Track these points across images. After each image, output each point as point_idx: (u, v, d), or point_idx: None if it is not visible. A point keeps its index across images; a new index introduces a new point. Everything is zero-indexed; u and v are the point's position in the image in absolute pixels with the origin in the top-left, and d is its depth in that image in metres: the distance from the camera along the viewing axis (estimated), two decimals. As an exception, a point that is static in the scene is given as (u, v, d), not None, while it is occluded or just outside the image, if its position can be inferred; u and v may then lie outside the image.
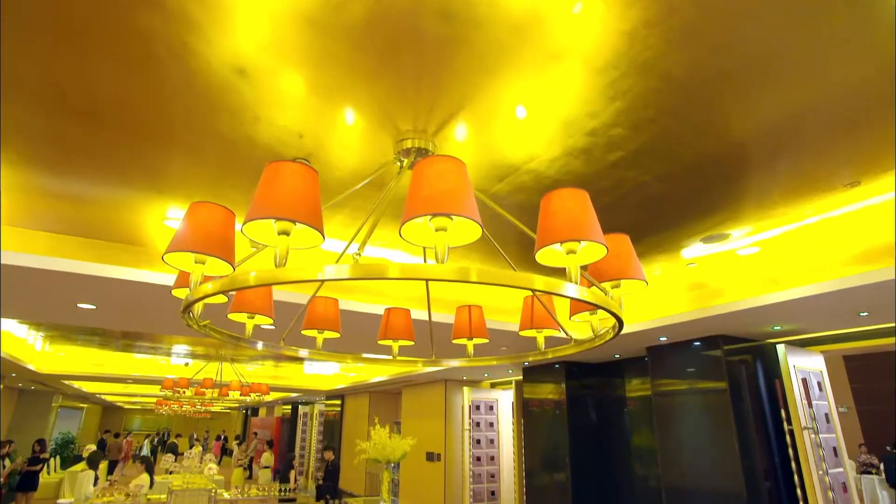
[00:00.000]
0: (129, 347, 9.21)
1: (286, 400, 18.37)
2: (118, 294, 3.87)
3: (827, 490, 4.28)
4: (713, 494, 4.82)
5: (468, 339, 2.55)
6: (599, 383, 7.06)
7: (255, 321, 2.26)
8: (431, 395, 9.62)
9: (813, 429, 4.43)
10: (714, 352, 5.08)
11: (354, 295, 4.06)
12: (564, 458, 6.61)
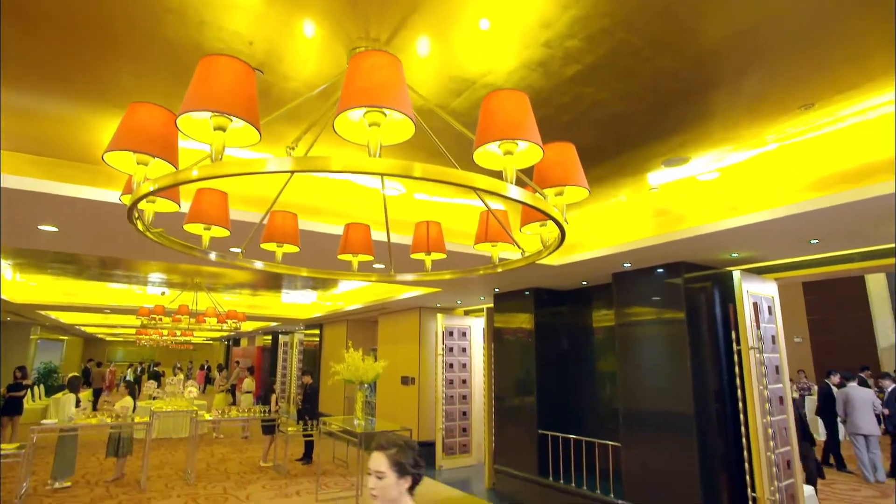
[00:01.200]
0: (103, 276, 9.17)
1: (266, 330, 18.70)
2: (80, 215, 3.81)
3: (765, 402, 4.64)
4: (665, 414, 5.18)
5: (426, 253, 2.60)
6: (568, 311, 7.33)
7: (211, 232, 2.28)
8: (406, 323, 9.90)
9: (758, 349, 4.72)
10: (675, 279, 5.28)
11: (314, 216, 4.06)
12: (532, 382, 6.97)
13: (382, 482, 1.76)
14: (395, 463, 1.78)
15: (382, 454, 1.79)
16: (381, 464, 1.77)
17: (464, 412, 8.88)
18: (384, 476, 1.76)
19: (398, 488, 1.77)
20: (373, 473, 1.78)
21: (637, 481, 5.37)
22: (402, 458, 1.80)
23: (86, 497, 6.84)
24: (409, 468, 1.80)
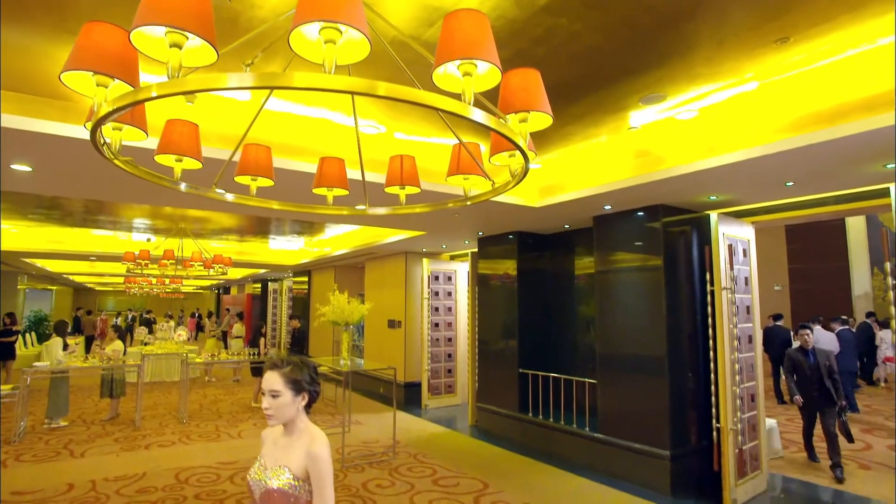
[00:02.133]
0: (87, 223, 9.09)
1: (255, 277, 18.80)
2: (53, 153, 3.76)
3: (734, 340, 4.83)
4: (640, 357, 5.39)
5: (400, 187, 2.62)
6: (550, 256, 7.44)
7: (183, 164, 2.28)
8: (393, 268, 10.01)
9: (731, 289, 4.87)
10: (654, 223, 5.36)
11: (290, 154, 4.04)
12: (514, 324, 7.16)
13: (278, 401, 1.72)
14: (291, 381, 1.74)
15: (276, 373, 1.75)
16: (275, 382, 1.73)
17: (449, 354, 9.15)
18: (279, 394, 1.72)
19: (294, 406, 1.75)
20: (267, 393, 1.73)
21: (611, 417, 5.65)
22: (298, 375, 1.77)
23: (83, 434, 7.07)
24: (305, 385, 1.77)
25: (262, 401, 1.76)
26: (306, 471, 1.69)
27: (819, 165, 3.84)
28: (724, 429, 4.74)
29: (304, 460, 1.70)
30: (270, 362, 1.80)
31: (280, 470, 1.71)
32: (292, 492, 1.68)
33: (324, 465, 1.68)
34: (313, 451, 1.70)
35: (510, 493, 4.96)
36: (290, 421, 1.76)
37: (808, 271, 17.51)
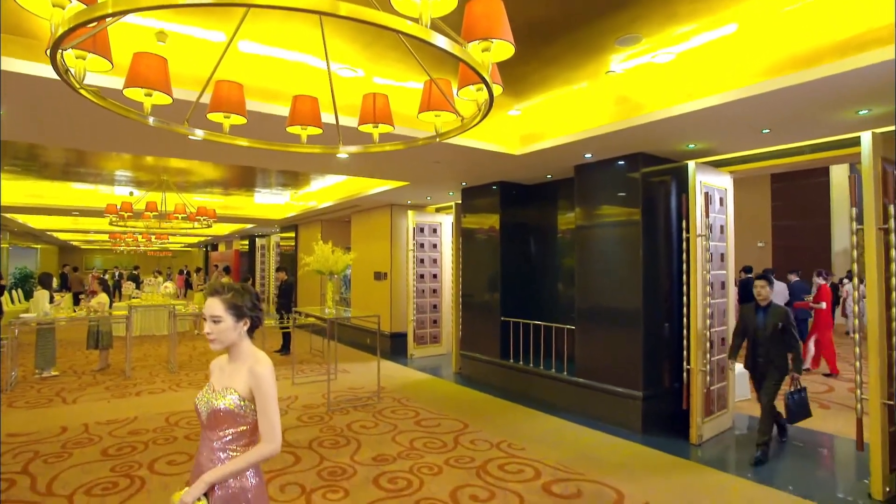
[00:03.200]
0: (67, 176, 8.95)
1: (242, 234, 18.73)
2: (23, 95, 3.68)
3: (706, 285, 4.98)
4: (616, 307, 5.55)
5: (373, 125, 2.64)
6: (533, 206, 7.50)
7: (152, 99, 2.27)
8: (378, 220, 10.05)
9: (706, 236, 4.98)
10: (633, 174, 5.42)
11: (264, 98, 3.99)
12: (497, 276, 7.29)
13: (219, 326, 1.75)
14: (232, 306, 1.77)
15: (217, 298, 1.77)
16: (216, 308, 1.76)
17: (434, 305, 9.31)
18: (220, 320, 1.75)
19: (237, 331, 1.78)
20: (208, 319, 1.76)
21: (589, 363, 5.86)
22: (239, 301, 1.79)
23: (74, 384, 7.20)
24: (246, 311, 1.80)
25: (205, 326, 1.79)
26: (251, 391, 1.75)
27: (793, 111, 3.88)
28: (693, 370, 4.95)
29: (248, 381, 1.76)
30: (211, 288, 1.82)
31: (226, 391, 1.78)
32: (238, 411, 1.75)
33: (266, 383, 1.73)
34: (256, 371, 1.75)
35: (488, 432, 5.19)
36: (234, 346, 1.81)
37: (791, 228, 17.83)
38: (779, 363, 4.52)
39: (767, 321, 4.56)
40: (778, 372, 4.51)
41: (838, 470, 4.45)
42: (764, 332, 4.57)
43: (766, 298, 4.64)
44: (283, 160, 5.86)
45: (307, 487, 3.88)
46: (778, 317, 4.53)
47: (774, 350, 4.53)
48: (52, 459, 4.40)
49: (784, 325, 4.49)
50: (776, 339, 4.51)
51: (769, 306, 4.62)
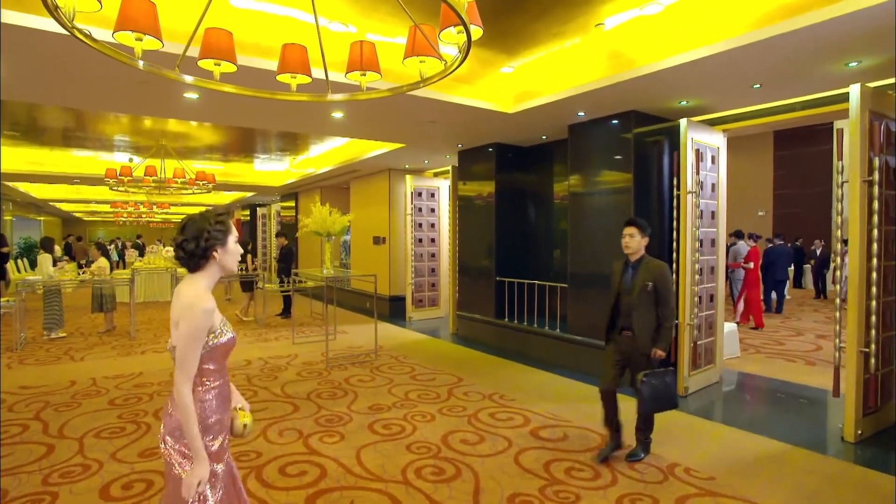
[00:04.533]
0: (67, 141, 8.99)
1: (244, 203, 18.81)
2: (21, 49, 3.72)
3: (695, 242, 5.07)
4: (607, 263, 5.62)
5: (361, 73, 2.69)
6: (529, 168, 7.54)
7: (143, 44, 2.33)
8: (377, 185, 10.11)
9: (696, 193, 5.04)
10: (626, 134, 5.45)
11: (254, 53, 4.02)
12: (492, 236, 7.38)
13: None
14: (190, 253, 1.74)
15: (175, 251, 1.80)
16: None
17: (432, 269, 9.45)
18: None
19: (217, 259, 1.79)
20: None
21: (580, 320, 6.01)
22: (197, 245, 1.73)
23: (81, 344, 7.40)
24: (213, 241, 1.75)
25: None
26: None
27: (783, 62, 3.89)
28: (681, 324, 5.08)
29: None
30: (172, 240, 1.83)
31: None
32: None
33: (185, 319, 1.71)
34: None
35: (482, 385, 5.37)
36: None
37: (792, 196, 17.84)
38: (646, 335, 3.46)
39: (635, 280, 3.51)
40: (649, 344, 3.47)
41: (815, 417, 4.62)
42: (629, 294, 3.52)
43: (634, 251, 3.55)
44: (278, 119, 5.89)
45: (304, 432, 4.07)
46: (649, 274, 3.46)
47: (641, 319, 3.46)
48: (63, 408, 4.59)
49: (656, 285, 3.44)
50: (644, 304, 3.45)
51: (641, 261, 3.57)
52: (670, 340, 3.50)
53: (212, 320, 1.71)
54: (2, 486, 3.15)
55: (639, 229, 3.57)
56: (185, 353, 1.66)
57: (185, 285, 1.77)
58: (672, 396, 3.44)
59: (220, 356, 1.79)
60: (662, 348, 3.44)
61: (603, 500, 3.04)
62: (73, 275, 8.13)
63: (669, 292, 3.48)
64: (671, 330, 3.49)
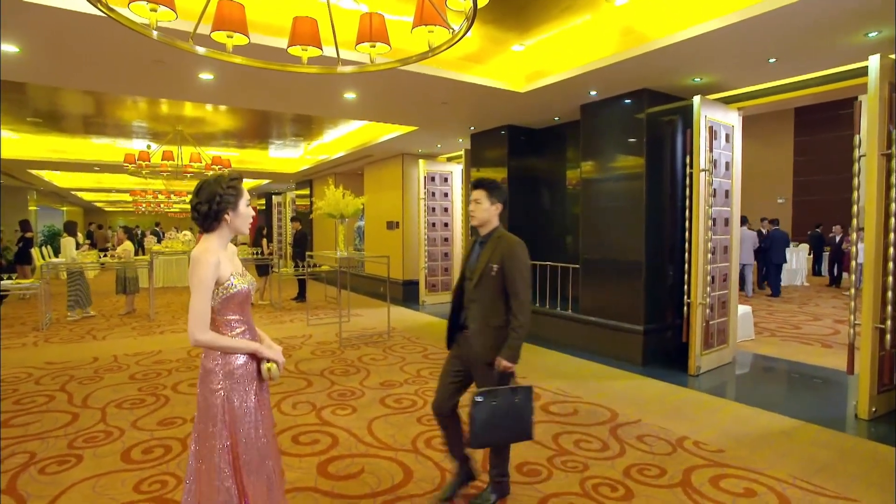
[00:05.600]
0: (87, 128, 9.18)
1: (259, 192, 19.03)
2: (42, 29, 3.80)
3: (708, 220, 5.02)
4: (620, 246, 5.64)
5: (371, 46, 2.72)
6: (542, 150, 7.51)
7: (157, 15, 2.38)
8: (390, 170, 10.16)
9: (709, 171, 4.99)
10: (639, 114, 5.40)
11: (266, 32, 4.06)
12: (505, 219, 7.37)
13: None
14: (203, 215, 1.86)
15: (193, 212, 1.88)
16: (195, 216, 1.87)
17: (445, 253, 9.49)
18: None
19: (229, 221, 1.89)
20: None
21: (592, 302, 6.01)
22: (210, 207, 1.84)
23: (103, 325, 7.61)
24: (225, 204, 1.86)
25: None
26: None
27: (799, 34, 3.82)
28: (693, 303, 5.06)
29: None
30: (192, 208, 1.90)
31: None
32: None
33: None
34: None
35: (494, 363, 5.41)
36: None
37: (812, 183, 17.54)
38: (489, 338, 2.51)
39: (479, 262, 2.60)
40: (491, 352, 2.49)
41: (829, 395, 4.57)
42: (471, 280, 2.60)
43: (481, 222, 2.66)
44: (292, 100, 5.93)
45: (317, 405, 4.15)
46: (495, 254, 2.54)
47: (480, 314, 2.55)
48: (86, 381, 4.75)
49: (503, 268, 2.50)
50: (487, 295, 2.53)
51: (490, 237, 2.64)
52: (518, 347, 2.44)
53: (218, 272, 1.82)
54: (29, 449, 3.29)
55: (486, 192, 2.62)
56: (194, 302, 1.77)
57: (197, 245, 1.89)
58: (524, 424, 2.43)
59: (238, 306, 1.90)
60: (508, 357, 2.42)
61: (611, 469, 3.07)
62: (94, 257, 8.33)
63: (522, 280, 2.48)
64: (522, 332, 2.45)
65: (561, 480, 2.93)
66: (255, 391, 1.92)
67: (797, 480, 2.92)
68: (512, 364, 2.45)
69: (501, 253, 2.52)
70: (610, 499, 2.74)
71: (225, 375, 1.85)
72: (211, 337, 1.80)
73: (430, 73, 4.76)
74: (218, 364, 1.85)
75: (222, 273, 1.83)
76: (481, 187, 2.67)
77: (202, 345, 1.80)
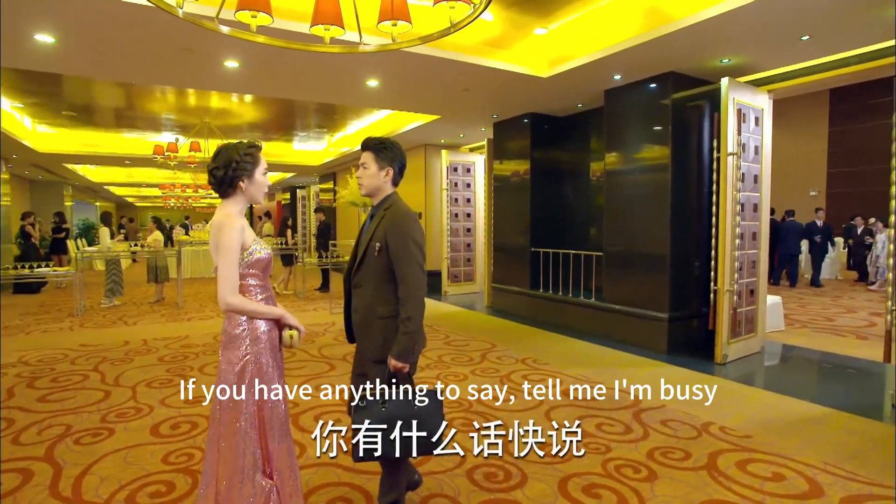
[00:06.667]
0: (119, 121, 9.44)
1: (284, 186, 19.29)
2: (77, 18, 3.90)
3: (736, 205, 4.89)
4: (644, 231, 5.56)
5: (392, 24, 2.72)
6: (565, 139, 7.43)
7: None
8: (413, 162, 10.16)
9: (737, 154, 4.86)
10: (664, 100, 5.29)
11: (287, 17, 4.08)
12: (527, 207, 7.35)
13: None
14: (219, 180, 1.88)
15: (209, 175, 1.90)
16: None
17: (468, 244, 9.48)
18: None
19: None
20: None
21: (616, 290, 5.93)
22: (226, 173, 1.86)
23: (134, 311, 7.83)
24: (241, 171, 1.88)
25: None
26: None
27: (835, 7, 3.68)
28: (720, 290, 4.95)
29: None
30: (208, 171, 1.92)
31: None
32: None
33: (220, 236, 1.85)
34: None
35: (515, 351, 5.39)
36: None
37: (847, 175, 16.98)
38: (376, 330, 2.13)
39: (364, 237, 2.22)
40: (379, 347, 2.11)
41: (864, 385, 4.43)
42: (356, 260, 2.22)
43: (369, 190, 2.24)
44: (315, 88, 5.97)
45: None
46: (381, 231, 2.11)
47: (365, 300, 2.17)
48: (118, 363, 4.90)
49: (387, 245, 2.08)
50: (372, 277, 2.14)
51: (379, 208, 2.21)
52: (409, 343, 2.03)
53: (242, 238, 1.85)
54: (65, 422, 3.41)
55: (373, 155, 2.18)
56: (223, 269, 1.80)
57: (217, 213, 1.93)
58: (431, 428, 1.97)
59: (261, 272, 1.94)
60: (398, 355, 2.02)
61: (634, 452, 3.03)
62: (126, 246, 8.60)
63: (409, 260, 2.06)
64: (412, 326, 2.03)
65: (583, 461, 2.90)
66: (277, 359, 1.96)
67: (828, 466, 2.84)
68: (402, 364, 2.02)
69: (385, 227, 2.09)
70: (633, 479, 2.70)
71: (252, 341, 1.88)
72: (241, 300, 1.84)
73: (452, 57, 4.75)
74: (245, 329, 1.88)
75: (246, 238, 1.86)
76: (368, 149, 2.20)
77: (233, 308, 1.83)
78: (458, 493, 2.58)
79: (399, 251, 2.07)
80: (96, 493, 2.53)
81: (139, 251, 8.55)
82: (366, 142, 2.24)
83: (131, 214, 32.24)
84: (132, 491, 2.54)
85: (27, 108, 8.41)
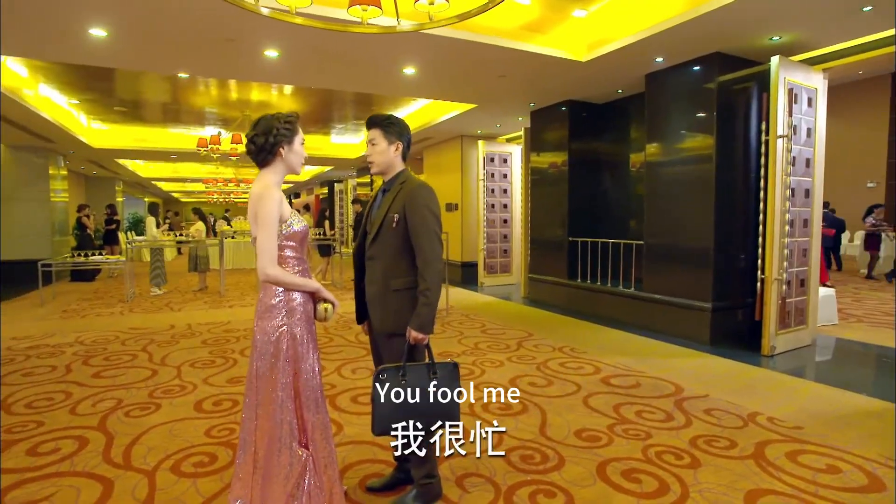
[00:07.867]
0: (165, 117, 9.79)
1: (322, 180, 19.63)
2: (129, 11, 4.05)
3: (786, 190, 4.66)
4: (686, 247, 5.40)
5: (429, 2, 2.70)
6: (604, 128, 7.26)
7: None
8: (449, 153, 10.16)
9: (787, 137, 4.61)
10: (709, 83, 5.09)
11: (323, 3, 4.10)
12: (565, 196, 7.23)
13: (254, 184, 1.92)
14: (259, 147, 1.89)
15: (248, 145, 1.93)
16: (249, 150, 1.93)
17: (504, 235, 9.41)
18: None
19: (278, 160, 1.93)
20: None
21: (656, 279, 5.77)
22: (266, 140, 1.88)
23: (179, 299, 8.12)
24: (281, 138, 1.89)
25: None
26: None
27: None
28: (768, 279, 4.74)
29: None
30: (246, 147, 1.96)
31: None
32: None
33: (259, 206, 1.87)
34: None
35: (552, 339, 5.32)
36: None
37: (908, 170, 15.96)
38: (392, 302, 2.14)
39: (379, 211, 2.19)
40: (394, 320, 2.13)
41: (928, 381, 4.17)
42: (370, 234, 2.22)
43: (380, 167, 2.21)
44: (352, 77, 6.00)
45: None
46: (398, 202, 2.11)
47: (379, 273, 2.16)
48: (164, 345, 5.09)
49: (406, 216, 2.09)
50: (388, 251, 2.14)
51: (393, 183, 2.19)
52: (429, 315, 2.05)
53: (281, 208, 1.87)
54: (116, 396, 3.56)
55: (381, 131, 2.17)
56: (263, 239, 1.82)
57: (255, 183, 1.94)
58: (448, 404, 2.01)
59: (298, 244, 1.96)
60: (418, 327, 2.03)
61: (675, 439, 2.94)
62: (171, 236, 8.94)
63: (427, 231, 2.07)
64: (432, 297, 2.04)
65: (622, 447, 2.83)
66: (311, 332, 1.97)
67: (889, 461, 2.68)
68: (423, 335, 2.03)
69: (403, 200, 2.10)
70: (675, 466, 2.62)
71: (288, 312, 1.90)
72: (280, 272, 1.85)
73: (489, 41, 4.70)
74: (281, 301, 1.90)
75: (284, 211, 1.88)
76: (375, 125, 2.18)
77: (271, 279, 1.84)
78: (494, 474, 2.55)
79: (417, 221, 2.07)
80: (144, 460, 2.64)
81: (183, 240, 8.86)
82: (371, 119, 2.21)
83: (176, 209, 33.66)
84: (177, 461, 2.63)
85: (82, 104, 8.82)
